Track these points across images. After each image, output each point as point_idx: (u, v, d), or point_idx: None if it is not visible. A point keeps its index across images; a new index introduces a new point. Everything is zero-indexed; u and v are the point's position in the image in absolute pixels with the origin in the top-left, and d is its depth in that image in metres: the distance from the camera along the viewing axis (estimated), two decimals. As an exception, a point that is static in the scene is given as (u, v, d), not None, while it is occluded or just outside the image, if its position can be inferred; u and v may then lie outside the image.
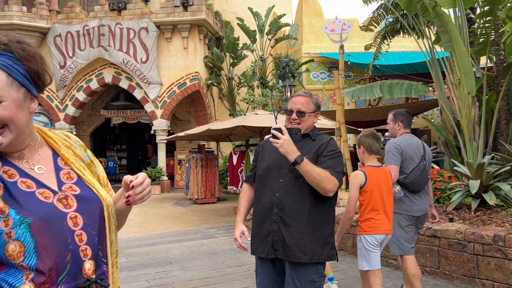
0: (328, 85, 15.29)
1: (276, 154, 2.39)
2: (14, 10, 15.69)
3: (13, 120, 1.11)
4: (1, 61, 1.11)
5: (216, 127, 11.04)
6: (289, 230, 2.34)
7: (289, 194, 2.37)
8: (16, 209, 1.07)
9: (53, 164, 1.23)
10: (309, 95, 2.58)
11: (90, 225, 1.18)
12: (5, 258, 1.05)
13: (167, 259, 6.29)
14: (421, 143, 3.91)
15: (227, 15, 18.41)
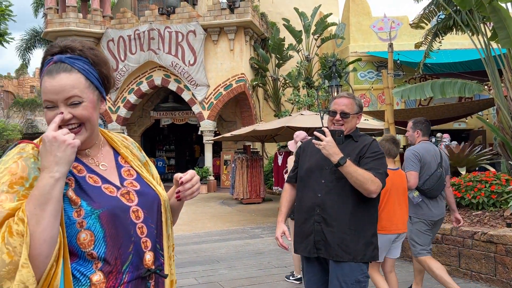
0: (376, 85, 14.96)
1: (318, 156, 2.43)
2: (71, 17, 16.54)
3: (90, 120, 1.20)
4: (80, 66, 1.19)
5: (262, 128, 11.10)
6: (331, 230, 2.37)
7: (331, 195, 2.40)
8: (87, 201, 1.15)
9: (115, 162, 1.32)
10: (352, 96, 2.59)
11: (150, 219, 1.26)
12: (77, 247, 1.12)
13: (214, 258, 6.40)
14: (438, 151, 4.05)
15: (273, 16, 18.45)
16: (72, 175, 1.18)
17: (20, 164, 1.10)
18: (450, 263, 5.01)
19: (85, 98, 1.18)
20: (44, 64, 1.20)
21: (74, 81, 1.17)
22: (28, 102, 39.55)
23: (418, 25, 10.01)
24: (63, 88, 1.15)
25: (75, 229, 1.12)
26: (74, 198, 1.14)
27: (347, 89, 14.66)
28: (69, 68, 1.17)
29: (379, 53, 14.63)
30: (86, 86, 1.19)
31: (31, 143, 1.18)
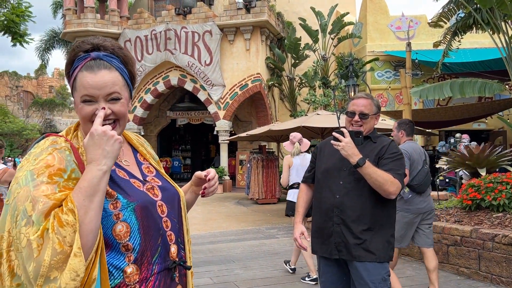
0: (393, 84, 14.78)
1: (335, 156, 2.44)
2: (89, 18, 16.77)
3: (125, 117, 1.24)
4: (116, 64, 1.22)
5: (277, 127, 11.07)
6: (351, 232, 2.37)
7: (350, 196, 2.40)
8: (122, 194, 1.18)
9: (134, 159, 1.36)
10: (370, 97, 2.59)
11: (172, 213, 1.30)
12: (112, 239, 1.14)
13: (229, 257, 6.39)
14: (422, 149, 4.35)
15: (289, 16, 18.40)
16: None
17: (56, 156, 1.12)
18: (470, 265, 4.91)
19: (122, 95, 1.22)
20: (75, 59, 1.20)
21: (114, 78, 1.20)
22: (47, 102, 40.33)
23: (437, 24, 9.86)
24: (105, 84, 1.17)
25: (111, 220, 1.14)
26: (110, 191, 1.16)
27: (364, 89, 14.53)
28: (109, 66, 1.20)
29: (396, 53, 14.46)
30: (123, 84, 1.23)
31: (61, 136, 1.20)
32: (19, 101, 41.58)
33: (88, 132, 1.13)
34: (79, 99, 1.18)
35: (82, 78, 1.17)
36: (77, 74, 1.18)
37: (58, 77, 45.64)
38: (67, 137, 1.21)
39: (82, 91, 1.17)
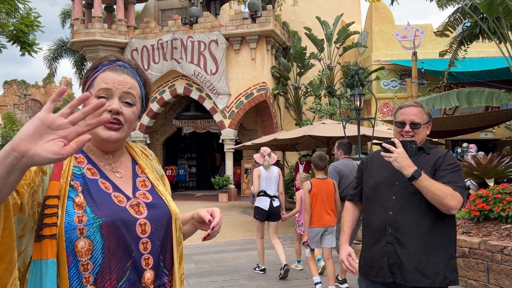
0: (399, 93, 14.75)
1: (386, 170, 2.26)
2: (96, 27, 16.93)
3: (130, 125, 1.21)
4: (137, 78, 1.25)
5: (283, 136, 11.06)
6: (407, 252, 2.13)
7: (405, 212, 2.17)
8: (91, 208, 1.09)
9: (131, 171, 1.28)
10: (420, 105, 2.36)
11: (156, 235, 1.18)
12: (73, 254, 1.06)
13: (234, 268, 6.35)
14: (355, 165, 5.00)
15: (295, 25, 18.47)
16: (83, 178, 1.14)
17: None
18: (478, 278, 4.83)
19: (136, 104, 1.22)
20: (99, 66, 1.22)
21: (134, 85, 1.22)
22: (55, 110, 40.65)
23: (443, 33, 9.86)
24: (126, 82, 1.19)
25: (75, 235, 1.06)
26: (80, 202, 1.09)
27: (370, 98, 14.50)
28: (132, 74, 1.23)
29: (402, 62, 14.45)
30: (139, 96, 1.24)
31: None
32: (27, 109, 41.96)
33: (94, 131, 1.14)
34: (94, 95, 1.17)
35: (104, 75, 1.19)
36: (98, 74, 1.20)
37: (65, 86, 46.04)
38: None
39: (101, 85, 1.17)
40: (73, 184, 1.11)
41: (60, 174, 1.10)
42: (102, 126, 1.15)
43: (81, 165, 1.17)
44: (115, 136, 1.17)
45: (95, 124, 0.92)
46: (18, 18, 15.14)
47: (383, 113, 14.93)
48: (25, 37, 15.35)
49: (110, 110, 1.15)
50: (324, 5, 18.84)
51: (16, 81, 42.40)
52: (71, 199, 1.09)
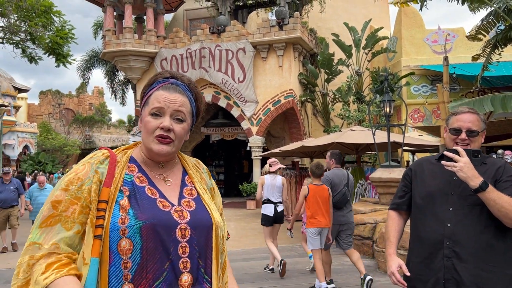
0: (430, 99, 14.43)
1: (439, 179, 2.15)
2: (127, 38, 17.37)
3: (180, 139, 1.32)
4: (189, 94, 1.35)
5: (311, 143, 11.00)
6: (466, 267, 2.01)
7: (465, 224, 2.05)
8: (134, 211, 1.20)
9: (181, 180, 1.38)
10: (476, 111, 2.23)
11: (196, 240, 1.25)
12: (116, 253, 1.16)
13: (263, 275, 6.32)
14: (346, 174, 5.67)
15: (322, 32, 18.41)
16: (132, 185, 1.26)
17: (86, 167, 1.24)
18: None
19: (187, 119, 1.33)
20: (154, 83, 1.34)
21: (185, 102, 1.32)
22: (87, 119, 41.82)
23: (475, 37, 9.60)
24: (176, 101, 1.30)
25: (118, 235, 1.16)
26: (125, 205, 1.20)
27: (400, 104, 14.26)
28: (182, 92, 1.33)
29: (433, 67, 14.15)
30: (189, 112, 1.34)
31: (106, 149, 1.31)
32: (61, 118, 43.33)
33: (148, 145, 1.28)
34: (148, 112, 1.29)
35: (157, 94, 1.30)
36: (153, 92, 1.32)
37: (97, 95, 47.31)
38: (116, 151, 1.33)
39: (154, 104, 1.29)
40: (122, 189, 1.24)
41: (111, 181, 1.23)
42: (155, 140, 1.28)
43: (132, 173, 1.29)
44: (165, 150, 1.28)
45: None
46: (53, 31, 15.73)
47: (414, 119, 14.63)
48: (60, 49, 15.93)
49: (162, 127, 1.27)
50: (352, 11, 18.71)
51: (51, 91, 43.89)
52: (117, 202, 1.21)
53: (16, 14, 14.45)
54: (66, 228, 1.16)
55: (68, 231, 1.16)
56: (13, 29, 14.62)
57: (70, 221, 1.16)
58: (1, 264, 7.84)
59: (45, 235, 1.14)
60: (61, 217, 1.16)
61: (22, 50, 15.66)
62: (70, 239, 1.16)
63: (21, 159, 34.99)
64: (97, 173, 1.22)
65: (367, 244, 7.60)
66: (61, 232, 1.15)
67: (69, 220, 1.16)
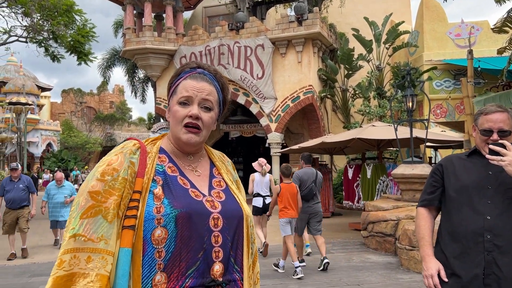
0: (454, 94, 14.12)
1: (472, 173, 2.13)
2: (147, 36, 17.51)
3: (208, 128, 1.32)
4: (216, 84, 1.35)
5: (331, 139, 10.88)
6: (508, 262, 1.97)
7: (506, 217, 2.01)
8: (169, 199, 1.20)
9: (209, 171, 1.39)
10: (505, 109, 2.18)
11: (227, 230, 1.25)
12: (149, 242, 1.15)
13: (283, 272, 6.29)
14: (315, 173, 6.79)
15: (342, 27, 18.20)
16: (164, 174, 1.26)
17: (119, 157, 1.22)
18: None
19: (214, 108, 1.33)
20: (181, 73, 1.34)
21: (212, 91, 1.32)
22: (108, 116, 42.48)
23: (501, 29, 9.35)
24: (204, 89, 1.30)
25: (153, 224, 1.16)
26: (159, 194, 1.20)
27: (421, 99, 14.00)
28: (210, 81, 1.33)
29: (456, 61, 13.82)
30: (216, 101, 1.34)
31: (135, 139, 1.31)
32: (82, 116, 44.12)
33: (176, 134, 1.28)
34: (176, 101, 1.30)
35: (185, 83, 1.31)
36: (180, 81, 1.32)
37: (118, 93, 47.98)
38: (144, 142, 1.32)
39: (182, 93, 1.29)
40: (155, 178, 1.23)
41: (144, 172, 1.23)
42: (184, 130, 1.28)
43: (163, 163, 1.29)
44: (194, 139, 1.28)
45: None
46: (75, 29, 15.98)
47: (436, 115, 14.34)
48: (81, 47, 16.18)
49: (191, 115, 1.27)
50: (372, 6, 18.43)
51: (73, 90, 44.73)
52: (151, 191, 1.20)
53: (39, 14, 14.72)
54: (107, 220, 1.14)
55: (110, 223, 1.14)
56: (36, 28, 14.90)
57: (111, 213, 1.15)
58: (27, 258, 8.01)
59: (88, 226, 1.12)
60: (101, 208, 1.14)
61: (45, 48, 15.97)
62: (111, 231, 1.14)
63: (45, 156, 35.77)
64: (132, 164, 1.22)
65: (389, 241, 7.49)
66: (103, 224, 1.13)
67: (109, 211, 1.15)
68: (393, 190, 10.23)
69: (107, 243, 1.12)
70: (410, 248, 6.41)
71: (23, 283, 6.16)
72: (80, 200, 1.15)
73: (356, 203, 11.12)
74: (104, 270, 1.10)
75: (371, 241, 7.89)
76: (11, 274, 6.80)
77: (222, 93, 1.37)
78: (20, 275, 6.69)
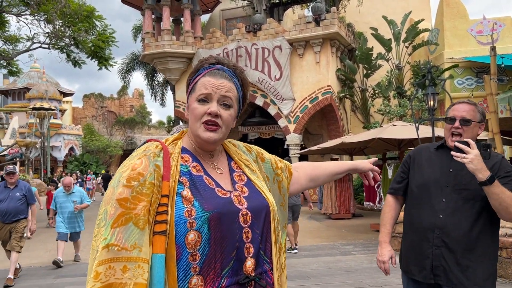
0: (476, 92, 13.82)
1: (434, 169, 2.25)
2: (165, 40, 17.68)
3: (228, 125, 1.30)
4: (235, 81, 1.33)
5: (351, 140, 10.78)
6: (455, 257, 2.14)
7: (456, 216, 2.15)
8: (199, 201, 1.17)
9: (228, 167, 1.37)
10: (474, 103, 2.31)
11: (256, 224, 1.24)
12: (183, 246, 1.13)
13: (304, 273, 6.25)
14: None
15: (360, 26, 18.03)
16: (190, 175, 1.24)
17: (143, 161, 1.19)
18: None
19: (233, 106, 1.31)
20: (200, 70, 1.33)
21: (231, 88, 1.30)
22: (128, 120, 43.07)
23: (525, 24, 9.09)
24: (223, 86, 1.28)
25: (185, 228, 1.13)
26: (188, 197, 1.17)
27: (443, 98, 13.75)
28: (229, 78, 1.31)
29: (478, 58, 13.53)
30: (236, 97, 1.32)
31: (157, 141, 1.29)
32: (103, 121, 44.83)
33: (195, 132, 1.26)
34: (195, 99, 1.28)
35: (204, 80, 1.29)
36: (199, 78, 1.30)
37: (138, 97, 48.59)
38: (165, 142, 1.29)
39: (201, 90, 1.27)
40: (181, 180, 1.21)
41: (169, 175, 1.20)
42: (203, 127, 1.26)
43: (187, 163, 1.27)
44: (213, 138, 1.26)
45: None
46: (95, 35, 16.27)
47: (458, 114, 14.06)
48: (102, 52, 16.46)
49: (210, 112, 1.25)
50: (390, 4, 18.22)
51: (94, 95, 45.51)
52: (179, 194, 1.18)
53: (61, 20, 15.04)
54: (139, 227, 1.10)
55: (142, 230, 1.10)
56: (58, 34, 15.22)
57: (142, 219, 1.11)
58: (51, 259, 8.19)
59: (120, 235, 1.08)
60: (131, 215, 1.10)
61: (67, 54, 16.30)
62: (144, 238, 1.10)
63: (67, 160, 36.47)
64: (157, 167, 1.18)
65: (412, 242, 7.39)
66: (134, 231, 1.09)
67: (140, 218, 1.11)
68: (415, 190, 10.07)
69: (141, 251, 1.09)
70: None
71: (48, 284, 6.28)
72: (108, 209, 1.11)
73: (377, 203, 10.99)
74: (141, 278, 1.07)
75: (393, 242, 7.78)
76: (36, 275, 6.94)
77: (242, 89, 1.35)
78: (45, 276, 6.82)
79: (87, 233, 8.53)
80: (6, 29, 16.52)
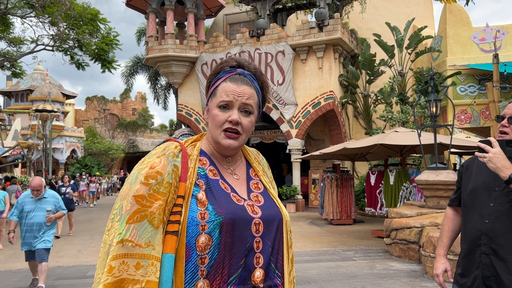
0: (478, 99, 13.82)
1: (484, 174, 2.10)
2: (169, 43, 17.76)
3: (248, 132, 1.29)
4: (256, 85, 1.32)
5: (353, 145, 10.77)
6: (505, 265, 1.96)
7: (503, 221, 1.98)
8: (213, 205, 1.17)
9: (246, 174, 1.36)
10: None
11: (267, 235, 1.23)
12: (193, 249, 1.13)
13: (305, 279, 6.24)
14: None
15: (363, 32, 18.09)
16: (206, 178, 1.24)
17: (162, 160, 1.19)
18: None
19: (254, 111, 1.30)
20: (220, 72, 1.32)
21: (252, 94, 1.29)
22: (130, 123, 43.14)
23: (528, 32, 9.11)
24: (245, 93, 1.27)
25: (197, 230, 1.14)
26: (203, 200, 1.18)
27: (445, 105, 13.76)
28: (250, 83, 1.29)
29: (481, 66, 13.55)
30: (256, 103, 1.31)
31: (176, 141, 1.29)
32: (106, 123, 44.91)
33: (215, 138, 1.26)
34: (216, 105, 1.27)
35: (225, 86, 1.27)
36: (220, 83, 1.29)
37: (140, 100, 48.71)
38: (184, 144, 1.30)
39: (222, 97, 1.26)
40: (198, 182, 1.22)
41: (186, 176, 1.21)
42: (223, 135, 1.25)
43: (204, 166, 1.27)
44: (234, 145, 1.26)
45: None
46: (99, 38, 16.35)
47: (461, 121, 14.06)
48: (105, 55, 16.54)
49: (231, 120, 1.24)
50: (393, 11, 18.28)
51: (96, 97, 45.61)
52: (194, 196, 1.18)
53: (65, 23, 15.12)
54: (153, 225, 1.11)
55: (156, 229, 1.11)
56: (63, 37, 15.30)
57: (156, 218, 1.12)
58: (51, 261, 8.17)
59: (135, 231, 1.09)
60: (147, 213, 1.11)
61: (71, 57, 16.37)
62: (158, 236, 1.11)
63: (69, 162, 36.52)
64: (176, 167, 1.19)
65: (413, 248, 7.35)
66: (148, 229, 1.10)
67: (155, 216, 1.12)
68: (416, 196, 10.05)
69: (155, 249, 1.10)
70: (435, 255, 6.28)
71: (48, 286, 6.28)
72: (124, 204, 1.12)
73: (378, 209, 10.96)
74: (154, 276, 1.08)
75: (394, 249, 7.76)
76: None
77: (262, 93, 1.34)
78: (45, 278, 6.82)
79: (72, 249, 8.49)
80: (10, 31, 16.62)
